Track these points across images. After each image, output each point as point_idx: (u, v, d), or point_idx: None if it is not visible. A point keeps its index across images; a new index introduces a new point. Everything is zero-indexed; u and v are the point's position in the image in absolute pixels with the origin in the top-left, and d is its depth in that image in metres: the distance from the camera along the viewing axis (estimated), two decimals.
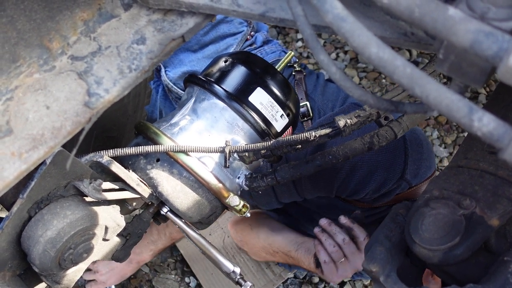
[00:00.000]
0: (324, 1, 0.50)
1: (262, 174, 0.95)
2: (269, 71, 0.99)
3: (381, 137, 0.87)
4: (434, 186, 0.76)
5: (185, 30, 0.72)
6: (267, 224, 1.71)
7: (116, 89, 0.67)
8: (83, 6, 0.69)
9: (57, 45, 0.68)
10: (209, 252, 0.95)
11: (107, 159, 0.82)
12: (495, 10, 0.47)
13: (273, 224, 1.71)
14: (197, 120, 0.95)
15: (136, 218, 0.95)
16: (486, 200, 0.69)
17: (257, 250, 1.74)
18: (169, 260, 2.06)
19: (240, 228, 1.78)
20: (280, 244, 1.62)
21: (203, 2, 0.69)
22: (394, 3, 0.48)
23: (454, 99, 0.45)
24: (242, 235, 1.77)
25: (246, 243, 1.77)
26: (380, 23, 0.65)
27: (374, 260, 0.74)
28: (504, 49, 0.43)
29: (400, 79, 0.48)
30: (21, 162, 0.62)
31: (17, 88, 0.65)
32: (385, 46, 0.48)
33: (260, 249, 1.72)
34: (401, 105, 0.60)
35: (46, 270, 0.78)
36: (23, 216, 0.76)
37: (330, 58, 0.56)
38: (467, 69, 0.51)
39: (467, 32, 0.44)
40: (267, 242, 1.66)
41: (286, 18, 0.68)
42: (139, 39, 0.70)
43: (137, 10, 0.72)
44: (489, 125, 0.44)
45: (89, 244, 0.83)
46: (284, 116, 0.99)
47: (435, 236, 0.69)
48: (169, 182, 0.90)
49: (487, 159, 0.74)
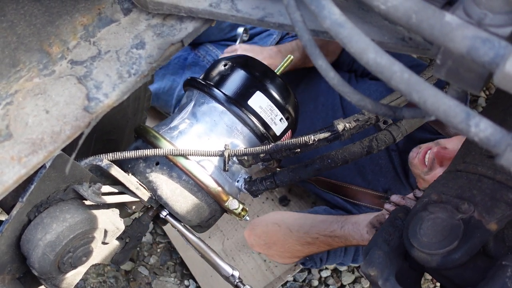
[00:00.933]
0: (322, 7, 0.51)
1: (261, 178, 0.95)
2: (268, 75, 1.00)
3: (380, 141, 0.88)
4: (432, 190, 0.76)
5: (184, 34, 0.72)
6: (292, 216, 1.66)
7: (115, 93, 0.67)
8: (83, 11, 0.69)
9: (57, 50, 0.68)
10: (208, 255, 0.95)
11: (106, 163, 0.83)
12: (492, 16, 0.47)
13: (297, 215, 1.67)
14: (197, 123, 0.95)
15: (135, 221, 0.95)
16: (484, 204, 0.69)
17: (290, 246, 1.65)
18: (169, 263, 2.06)
19: (262, 232, 1.70)
20: (319, 228, 1.57)
21: (202, 7, 0.69)
22: (392, 9, 0.48)
23: (451, 104, 0.46)
24: (267, 237, 1.68)
25: (275, 243, 1.68)
26: (378, 28, 0.65)
27: (372, 264, 0.74)
28: (501, 55, 0.43)
29: (398, 84, 0.48)
30: (20, 167, 0.62)
31: (17, 92, 0.65)
32: (382, 51, 0.48)
33: (293, 243, 1.63)
34: (399, 110, 0.60)
35: (45, 273, 0.78)
36: (23, 220, 0.76)
37: (328, 64, 0.56)
38: (465, 75, 0.51)
39: (464, 38, 0.44)
40: (302, 232, 1.61)
41: (285, 23, 0.68)
42: (139, 44, 0.71)
43: (137, 15, 0.73)
44: (486, 130, 0.44)
45: (88, 248, 0.83)
46: (283, 120, 0.99)
47: (434, 240, 0.69)
48: (168, 185, 0.90)
49: (485, 164, 0.74)
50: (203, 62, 1.83)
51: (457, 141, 1.31)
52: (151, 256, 2.05)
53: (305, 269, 2.07)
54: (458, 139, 1.32)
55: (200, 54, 1.85)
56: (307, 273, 2.08)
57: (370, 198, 1.59)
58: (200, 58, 1.84)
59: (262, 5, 0.70)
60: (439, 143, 1.37)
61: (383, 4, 0.48)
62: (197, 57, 1.85)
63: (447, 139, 1.37)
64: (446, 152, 1.30)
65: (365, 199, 1.60)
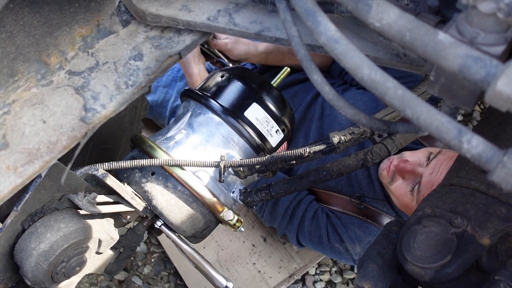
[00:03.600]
0: (318, 23, 0.52)
1: (257, 189, 0.95)
2: (265, 86, 1.01)
3: (374, 154, 0.88)
4: (426, 204, 0.77)
5: (182, 47, 0.73)
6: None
7: (112, 104, 0.68)
8: (81, 22, 0.70)
9: (55, 60, 0.69)
10: (202, 266, 0.95)
11: (102, 172, 0.83)
12: (484, 35, 0.48)
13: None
14: (193, 134, 0.96)
15: (130, 231, 0.95)
16: (478, 218, 0.70)
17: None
18: (163, 273, 2.05)
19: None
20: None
21: (200, 20, 0.70)
22: (386, 27, 0.49)
23: (444, 121, 0.46)
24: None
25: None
26: (373, 43, 0.66)
27: (366, 277, 0.74)
28: (492, 74, 0.44)
29: (392, 100, 0.49)
30: (16, 176, 0.62)
31: (14, 102, 0.66)
32: (377, 68, 0.49)
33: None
34: (393, 125, 0.61)
35: (38, 283, 0.78)
36: (17, 229, 0.76)
37: (324, 78, 0.57)
38: (457, 92, 0.52)
39: (456, 57, 0.45)
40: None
41: (282, 38, 0.69)
42: (137, 56, 0.71)
43: (135, 27, 0.74)
44: (478, 147, 0.45)
45: (82, 258, 0.82)
46: (279, 132, 0.99)
47: (427, 254, 0.69)
48: (163, 195, 0.90)
49: (479, 178, 0.75)
50: None
51: (421, 154, 1.30)
52: (145, 266, 2.04)
53: (299, 281, 2.07)
54: (421, 152, 1.31)
55: None
56: (301, 285, 2.07)
57: (343, 203, 1.58)
58: None
59: (259, 20, 0.71)
60: (402, 154, 1.37)
61: (378, 22, 0.49)
62: None
63: (411, 152, 1.36)
64: (405, 165, 1.29)
65: (338, 203, 1.59)
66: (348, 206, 1.56)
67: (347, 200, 1.56)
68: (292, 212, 1.59)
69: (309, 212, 1.57)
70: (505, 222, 0.69)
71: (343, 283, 2.10)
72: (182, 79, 1.87)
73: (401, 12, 0.48)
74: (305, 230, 1.57)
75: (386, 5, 0.48)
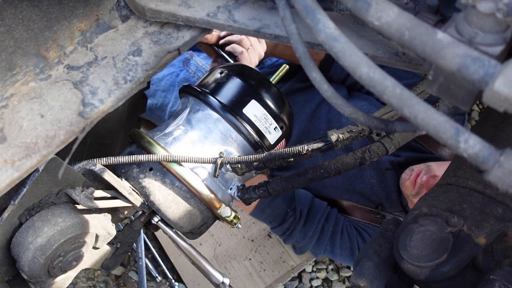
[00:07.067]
0: (318, 21, 0.51)
1: (254, 186, 0.95)
2: (264, 84, 1.00)
3: (372, 153, 0.89)
4: (423, 203, 0.77)
5: (181, 43, 0.72)
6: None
7: (111, 99, 0.68)
8: (81, 16, 0.70)
9: (54, 55, 0.68)
10: (199, 262, 0.95)
11: (100, 167, 0.83)
12: (483, 35, 0.48)
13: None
14: (191, 130, 0.96)
15: (127, 227, 0.95)
16: (474, 218, 0.70)
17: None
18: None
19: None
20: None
21: (200, 16, 0.70)
22: (385, 26, 0.49)
23: (442, 120, 0.47)
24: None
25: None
26: (372, 42, 0.66)
27: (362, 275, 0.75)
28: (490, 74, 0.44)
29: (390, 99, 0.49)
30: (13, 170, 0.62)
31: (12, 96, 0.66)
32: (375, 66, 0.49)
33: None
34: (391, 123, 0.61)
35: (35, 277, 0.78)
36: (14, 223, 0.76)
37: (322, 76, 0.57)
38: (455, 91, 0.52)
39: (454, 56, 0.45)
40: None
41: (281, 35, 0.69)
42: (135, 51, 0.71)
43: (135, 22, 0.73)
44: (475, 147, 0.45)
45: (79, 252, 0.82)
46: (278, 129, 0.99)
47: (423, 253, 0.70)
48: (161, 191, 0.90)
49: (476, 178, 0.75)
50: (194, 78, 1.84)
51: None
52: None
53: (295, 278, 2.07)
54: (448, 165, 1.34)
55: (191, 71, 1.86)
56: (298, 282, 2.08)
57: (361, 213, 1.61)
58: (191, 75, 1.85)
59: (259, 16, 0.71)
60: (429, 167, 1.38)
61: (377, 20, 0.48)
62: (188, 73, 1.86)
63: (438, 164, 1.38)
64: (434, 181, 1.32)
65: (357, 213, 1.62)
66: (366, 216, 1.59)
67: (366, 210, 1.59)
68: (322, 227, 1.60)
69: (338, 226, 1.60)
70: (501, 222, 0.69)
71: (340, 280, 2.11)
72: (181, 84, 1.87)
73: (400, 11, 0.48)
74: (336, 244, 1.60)
75: (385, 4, 0.48)
